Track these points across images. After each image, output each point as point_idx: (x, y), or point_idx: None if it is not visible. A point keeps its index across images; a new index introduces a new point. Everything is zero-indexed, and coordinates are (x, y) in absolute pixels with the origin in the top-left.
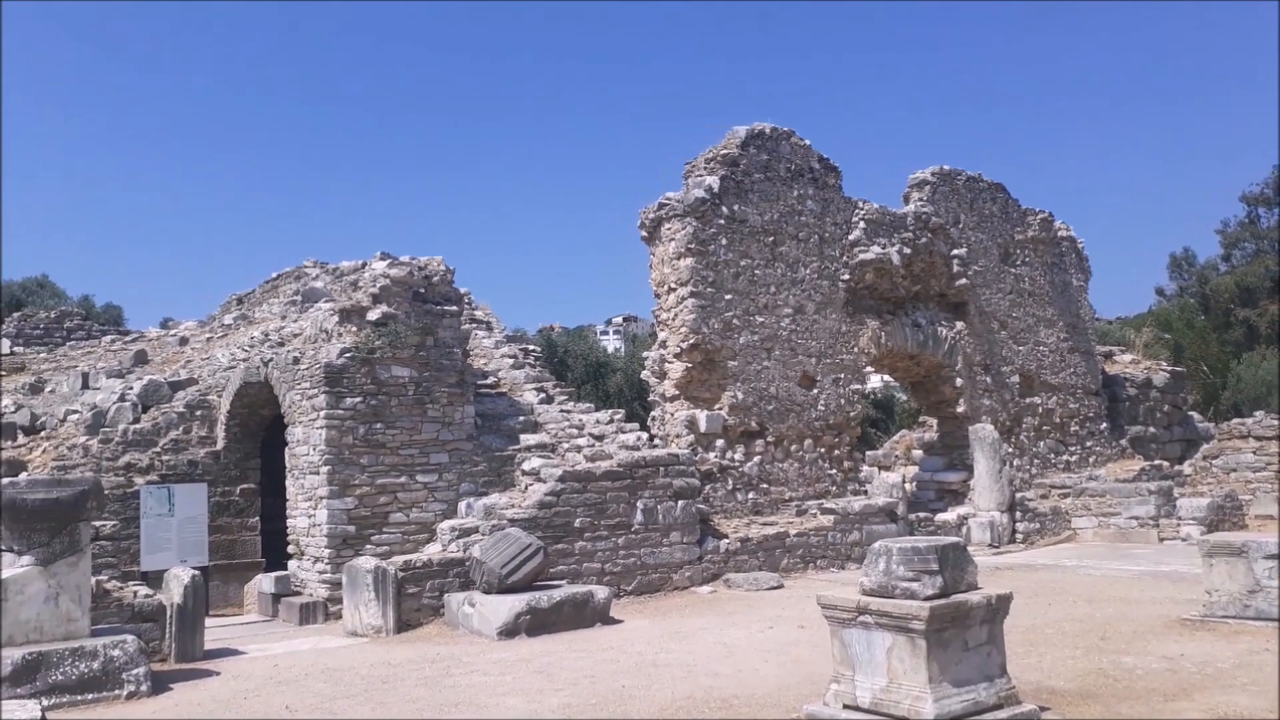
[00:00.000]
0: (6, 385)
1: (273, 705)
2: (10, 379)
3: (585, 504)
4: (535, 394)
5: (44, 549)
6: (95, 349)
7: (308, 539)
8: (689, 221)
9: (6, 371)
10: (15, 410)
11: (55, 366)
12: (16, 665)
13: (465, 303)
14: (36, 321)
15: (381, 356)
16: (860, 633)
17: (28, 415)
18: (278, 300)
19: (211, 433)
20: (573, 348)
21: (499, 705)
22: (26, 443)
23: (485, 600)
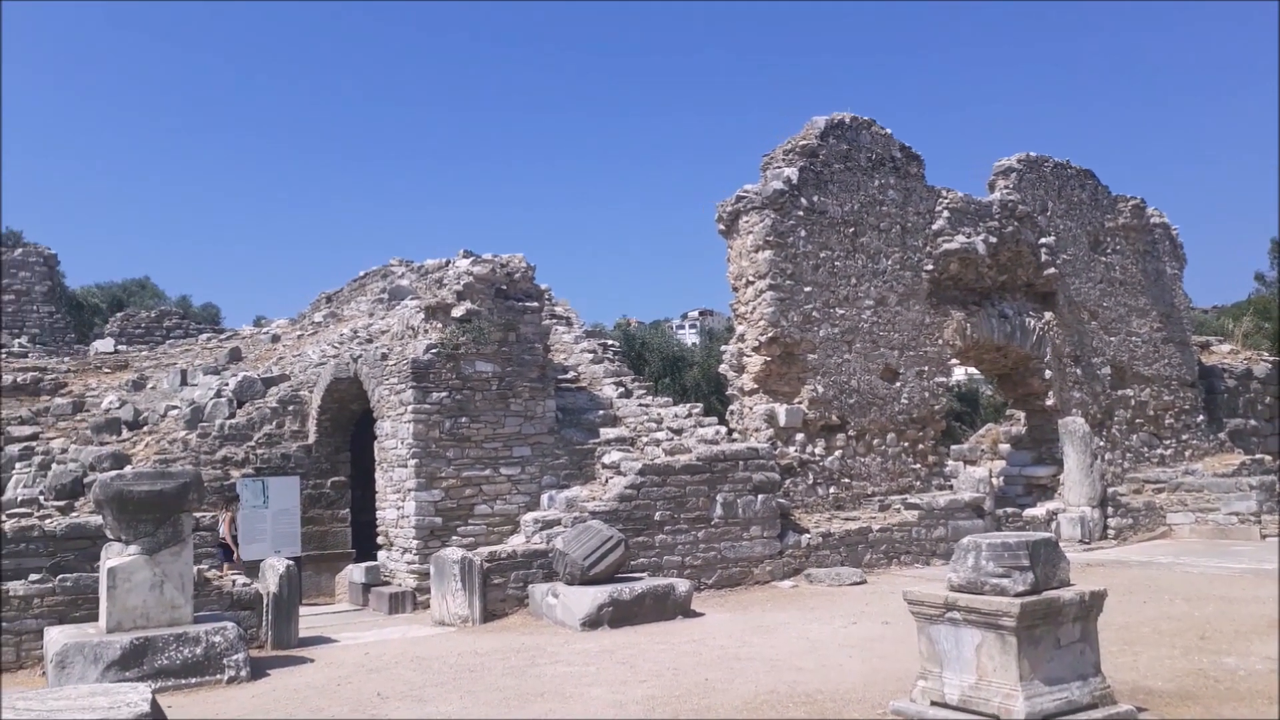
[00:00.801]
0: (111, 382)
1: (365, 692)
2: (114, 376)
3: (665, 497)
4: (614, 388)
5: (149, 539)
6: (193, 347)
7: (396, 530)
8: (767, 214)
9: (110, 369)
10: (120, 406)
11: (156, 364)
12: (125, 649)
13: (545, 298)
14: (138, 321)
15: (466, 352)
16: (948, 629)
17: (131, 411)
18: (365, 298)
19: (303, 427)
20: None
21: (584, 696)
22: (130, 437)
23: (568, 591)
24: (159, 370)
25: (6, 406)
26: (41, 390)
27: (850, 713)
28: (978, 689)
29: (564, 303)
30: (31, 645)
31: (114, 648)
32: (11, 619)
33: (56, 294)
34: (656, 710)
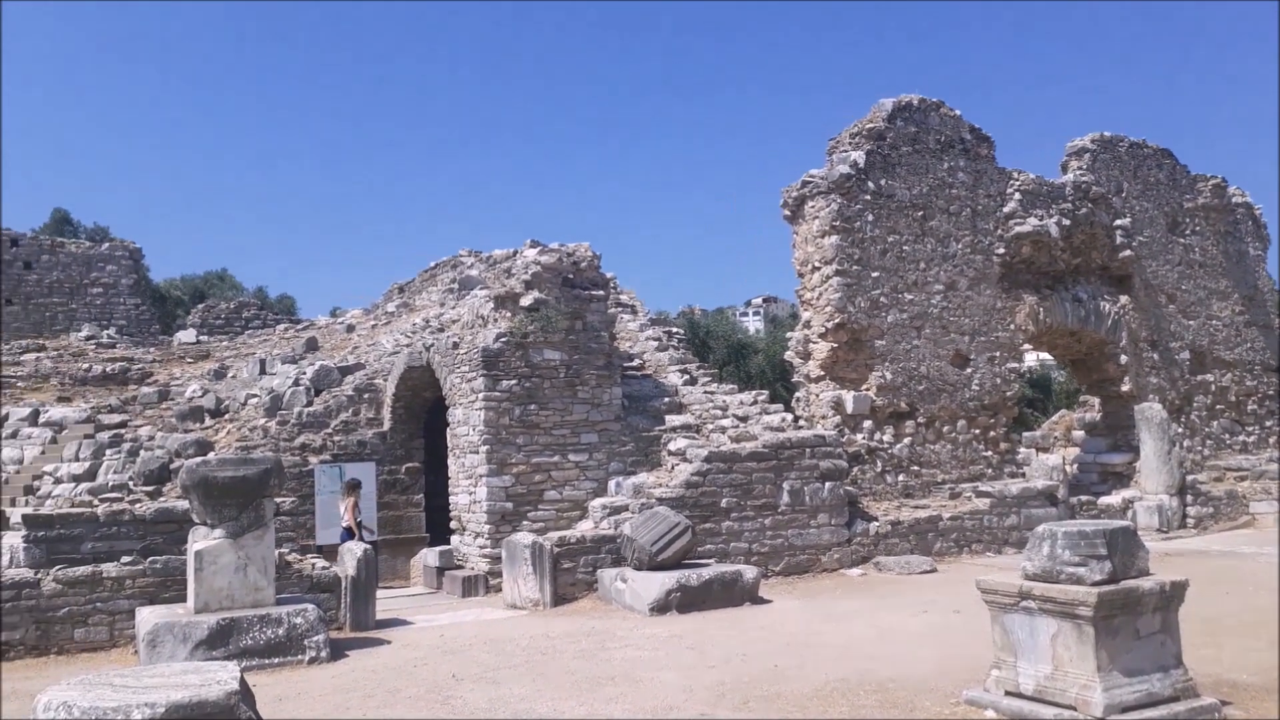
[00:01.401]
0: (193, 372)
1: (441, 673)
2: (196, 366)
3: (731, 484)
4: (679, 375)
5: (233, 523)
6: (271, 336)
7: (469, 515)
8: (833, 198)
9: (193, 359)
10: (202, 394)
11: (236, 353)
12: (212, 629)
13: (610, 287)
14: (218, 312)
15: (534, 340)
16: (1023, 618)
17: (213, 399)
18: (436, 288)
19: (378, 414)
20: (714, 329)
21: (654, 680)
22: (213, 424)
23: (636, 576)
24: (239, 359)
25: (96, 395)
26: (129, 379)
27: (923, 702)
28: (1054, 679)
29: (629, 291)
30: (124, 625)
31: (202, 628)
32: (105, 599)
33: (142, 287)
34: (726, 696)
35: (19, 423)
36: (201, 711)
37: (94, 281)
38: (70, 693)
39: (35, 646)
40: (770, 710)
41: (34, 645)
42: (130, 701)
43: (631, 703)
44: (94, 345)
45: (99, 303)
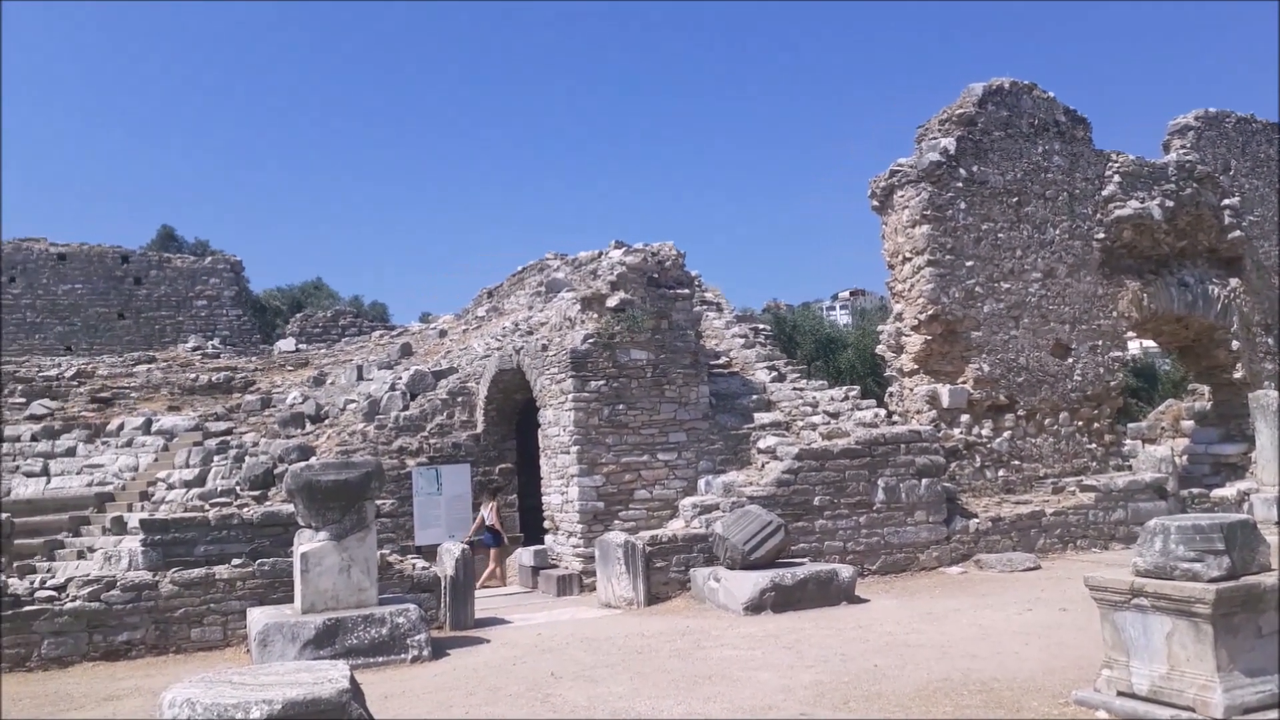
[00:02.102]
0: (293, 379)
1: (539, 671)
2: (296, 373)
3: (824, 482)
4: (767, 372)
5: (336, 525)
6: (366, 344)
7: (561, 514)
8: (923, 187)
9: (292, 367)
10: (303, 401)
11: (333, 360)
12: (319, 629)
13: (695, 285)
14: (315, 321)
15: (621, 341)
16: (1135, 616)
17: (313, 405)
18: (524, 291)
19: (471, 417)
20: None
21: (751, 679)
22: (313, 430)
23: (730, 576)
24: (336, 366)
25: (203, 404)
26: (233, 388)
27: (1030, 702)
28: (1169, 679)
29: (714, 289)
30: (236, 624)
31: (309, 627)
32: (218, 600)
33: (243, 298)
34: (826, 695)
35: (133, 431)
36: (315, 709)
37: (199, 294)
38: (193, 690)
39: (155, 645)
40: (871, 710)
41: (154, 644)
42: (249, 699)
43: (729, 701)
44: (200, 356)
45: (204, 315)
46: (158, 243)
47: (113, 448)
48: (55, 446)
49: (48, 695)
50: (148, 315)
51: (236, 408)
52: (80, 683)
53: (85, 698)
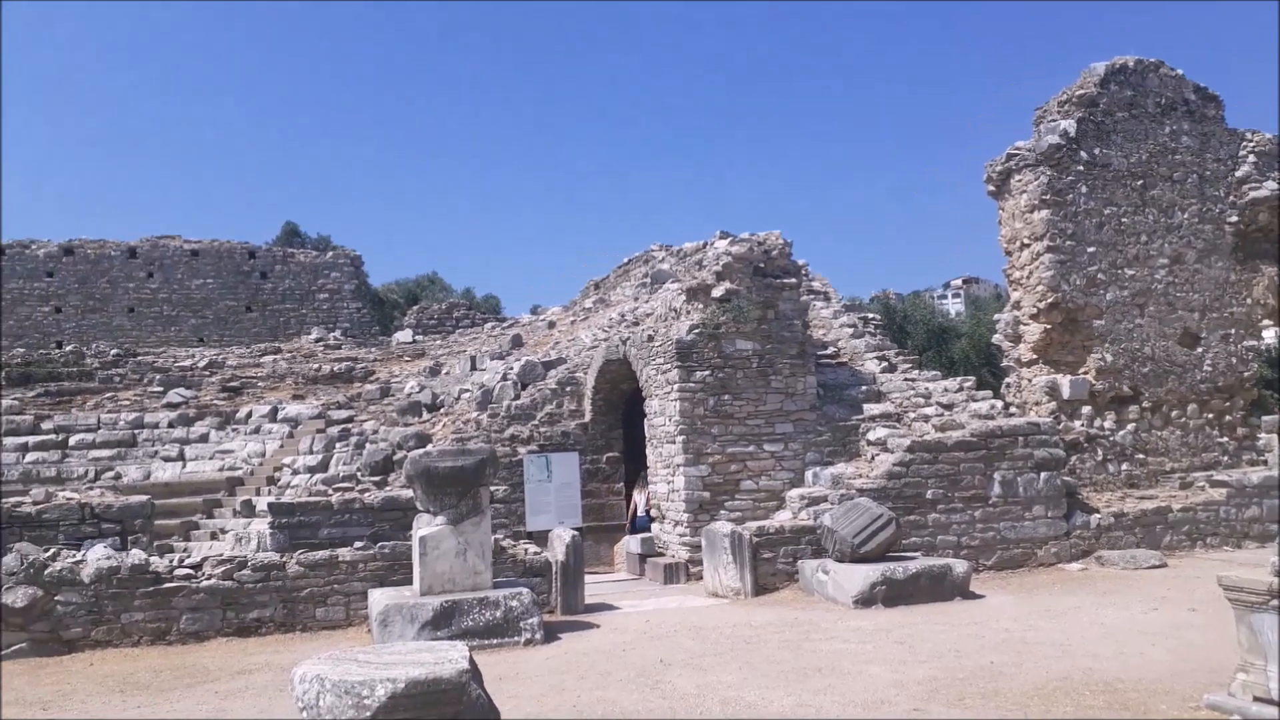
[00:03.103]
0: (410, 369)
1: (648, 658)
2: (413, 364)
3: (936, 475)
4: (877, 363)
5: (453, 510)
6: (479, 335)
7: (667, 504)
8: (1042, 171)
9: (409, 357)
10: (419, 391)
11: (448, 351)
12: (436, 611)
13: (803, 274)
14: (431, 313)
15: (726, 331)
16: (1273, 619)
17: (429, 395)
18: (629, 283)
19: (579, 406)
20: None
21: (862, 673)
22: (430, 418)
23: (839, 569)
24: (451, 357)
25: (326, 393)
26: (354, 378)
27: (1157, 705)
28: None
29: (821, 278)
30: (358, 605)
31: (427, 609)
32: (341, 581)
33: (362, 291)
34: (940, 691)
35: (261, 419)
36: (436, 687)
37: (321, 288)
38: (321, 667)
39: (283, 623)
40: (988, 708)
41: (281, 622)
42: (374, 676)
43: (840, 695)
44: (322, 347)
45: (326, 307)
46: (282, 238)
47: (242, 434)
48: (190, 433)
49: (186, 668)
50: (273, 308)
51: (357, 396)
52: (215, 657)
53: (220, 671)
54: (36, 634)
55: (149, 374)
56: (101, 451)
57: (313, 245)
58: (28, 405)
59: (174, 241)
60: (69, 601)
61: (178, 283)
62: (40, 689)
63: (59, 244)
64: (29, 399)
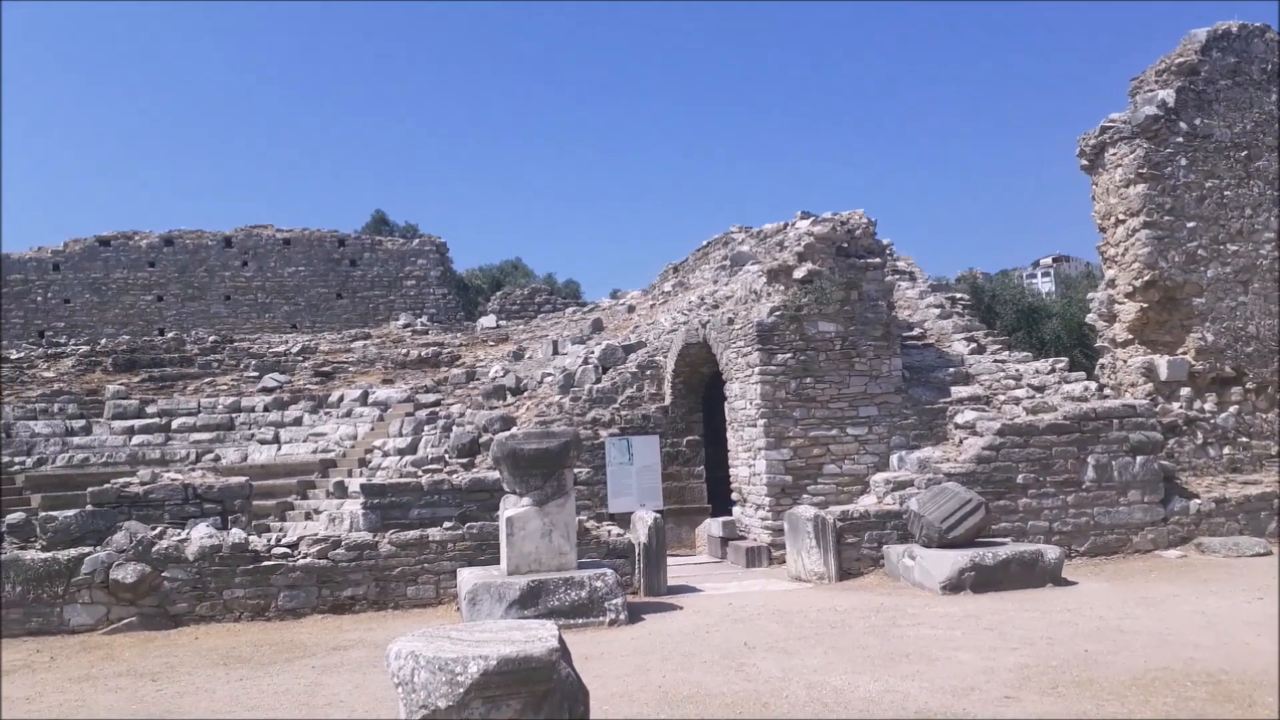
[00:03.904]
0: (494, 354)
1: (732, 640)
2: (497, 348)
3: (1027, 459)
4: (965, 344)
5: (538, 491)
6: (560, 319)
7: (748, 487)
8: (1138, 143)
9: (493, 342)
10: (503, 375)
11: (530, 336)
12: (523, 590)
13: (887, 254)
14: (514, 299)
15: (808, 313)
16: None
17: (513, 379)
18: (709, 266)
19: (659, 390)
20: (1000, 293)
21: (951, 659)
22: (513, 402)
23: (926, 554)
24: (533, 341)
25: (414, 377)
26: (440, 362)
27: (1264, 698)
28: None
29: (906, 257)
30: (447, 584)
31: (514, 588)
32: (431, 560)
33: (448, 278)
34: (1032, 679)
35: (352, 403)
36: (527, 665)
37: (408, 274)
38: (416, 643)
39: (375, 601)
40: (1083, 698)
41: (374, 600)
42: (467, 654)
43: (929, 680)
44: (410, 332)
45: (412, 293)
46: (371, 227)
47: (334, 417)
48: (284, 416)
49: (284, 643)
50: (363, 295)
51: (443, 380)
52: (311, 633)
53: (316, 646)
54: (145, 608)
55: (245, 360)
56: (202, 434)
57: (400, 233)
58: (133, 390)
59: (267, 231)
60: (175, 578)
61: (271, 271)
62: (149, 660)
63: (160, 235)
64: (134, 384)
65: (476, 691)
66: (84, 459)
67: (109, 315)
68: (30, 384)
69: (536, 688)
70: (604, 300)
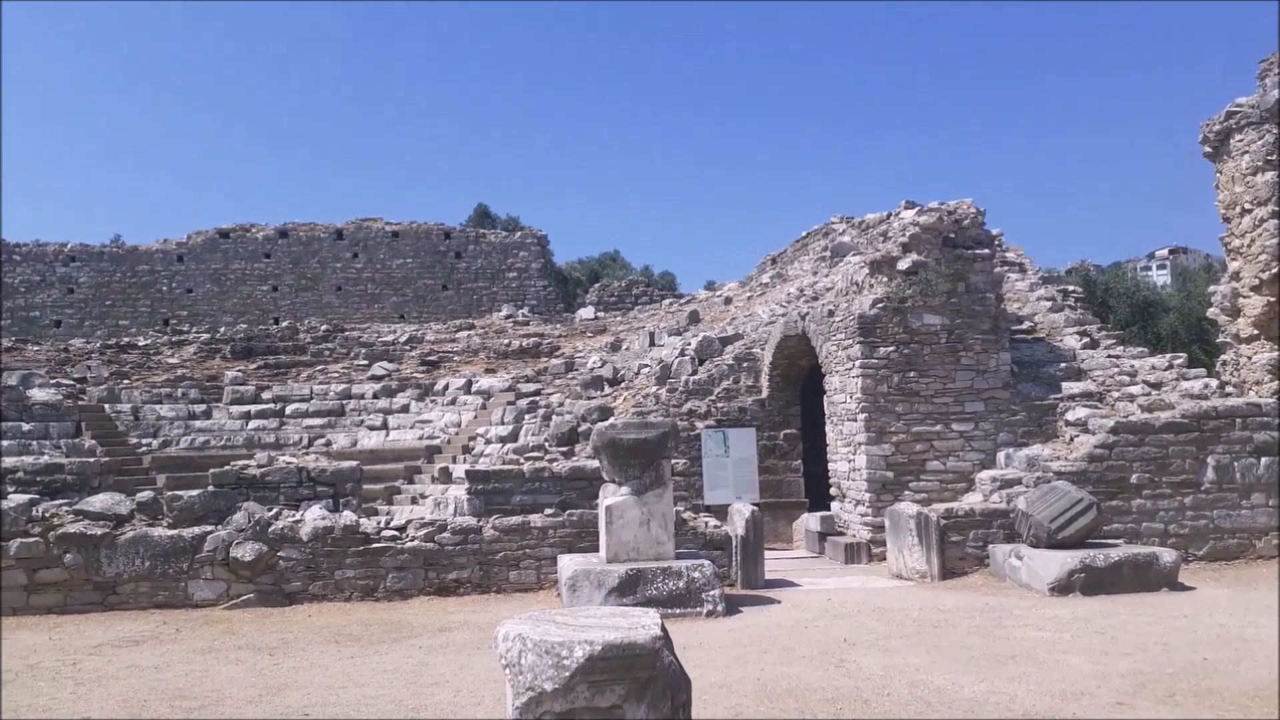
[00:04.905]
0: (592, 345)
1: (831, 636)
2: (595, 339)
3: (1142, 458)
4: (1077, 338)
5: (637, 481)
6: (657, 311)
7: (848, 482)
8: (1268, 129)
9: (591, 333)
10: (601, 365)
11: (628, 327)
12: (622, 578)
13: (996, 245)
14: (612, 291)
15: (912, 305)
16: None
17: (610, 369)
18: (808, 257)
19: (756, 382)
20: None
21: (1060, 663)
22: (611, 392)
23: (1033, 554)
24: (630, 333)
25: (515, 367)
26: (540, 352)
27: None
28: None
29: (1016, 248)
30: (548, 569)
31: (613, 576)
32: (533, 546)
33: (548, 270)
34: (1146, 686)
35: (456, 391)
36: (632, 651)
37: (510, 267)
38: (523, 626)
39: (478, 584)
40: (1201, 707)
41: (477, 583)
42: (573, 638)
43: (1036, 684)
44: (512, 323)
45: (514, 285)
46: (474, 220)
47: (439, 405)
48: (392, 403)
49: (392, 623)
50: (467, 286)
51: (543, 370)
52: (418, 614)
53: (423, 627)
54: (262, 586)
55: (355, 348)
56: (314, 420)
57: (502, 226)
58: (250, 376)
59: (377, 224)
60: (289, 557)
61: (380, 262)
62: (266, 636)
63: (275, 227)
64: (251, 371)
65: (582, 676)
66: (204, 442)
67: (228, 304)
68: (156, 370)
69: (640, 675)
70: (700, 292)
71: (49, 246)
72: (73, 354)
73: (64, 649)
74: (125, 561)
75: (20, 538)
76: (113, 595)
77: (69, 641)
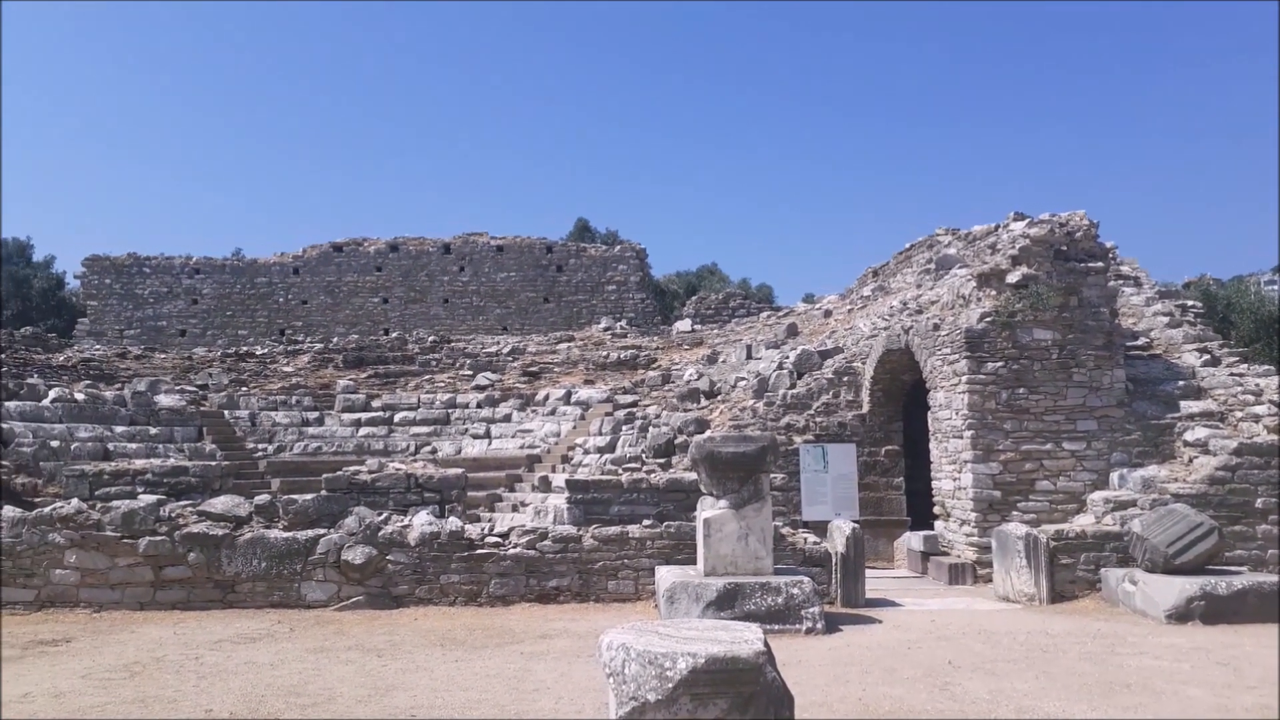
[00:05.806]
0: (689, 357)
1: (936, 658)
2: (691, 352)
3: (1268, 482)
4: (1196, 355)
5: (735, 495)
6: (754, 324)
7: (953, 501)
8: None
9: (688, 346)
10: (698, 378)
11: (724, 340)
12: (720, 592)
13: (1110, 257)
14: (708, 303)
15: (1022, 320)
16: None
17: (707, 382)
18: (911, 270)
19: (857, 397)
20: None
21: (1178, 694)
22: (707, 405)
23: (1149, 579)
24: (727, 346)
25: (613, 378)
26: (638, 365)
27: None
28: None
29: (1130, 261)
30: (645, 580)
31: (711, 589)
32: (631, 557)
33: (646, 283)
34: None
35: (556, 402)
36: (734, 665)
37: (609, 280)
38: (626, 636)
39: (578, 593)
40: None
41: (577, 592)
42: (676, 650)
43: (1153, 714)
44: (610, 335)
45: (613, 298)
46: (575, 234)
47: (539, 415)
48: (495, 413)
49: (494, 628)
50: (567, 299)
51: (641, 382)
52: (520, 620)
53: (524, 634)
54: (371, 589)
55: (460, 359)
56: (420, 428)
57: (602, 239)
58: (360, 385)
59: (482, 238)
60: (397, 561)
61: (485, 276)
62: (375, 637)
63: (386, 241)
64: (361, 380)
65: (685, 688)
66: (317, 448)
67: (340, 315)
68: (272, 378)
69: (743, 689)
70: (798, 305)
71: (175, 259)
72: (195, 362)
73: (187, 643)
74: (243, 561)
75: (149, 536)
76: (231, 593)
77: (191, 636)
